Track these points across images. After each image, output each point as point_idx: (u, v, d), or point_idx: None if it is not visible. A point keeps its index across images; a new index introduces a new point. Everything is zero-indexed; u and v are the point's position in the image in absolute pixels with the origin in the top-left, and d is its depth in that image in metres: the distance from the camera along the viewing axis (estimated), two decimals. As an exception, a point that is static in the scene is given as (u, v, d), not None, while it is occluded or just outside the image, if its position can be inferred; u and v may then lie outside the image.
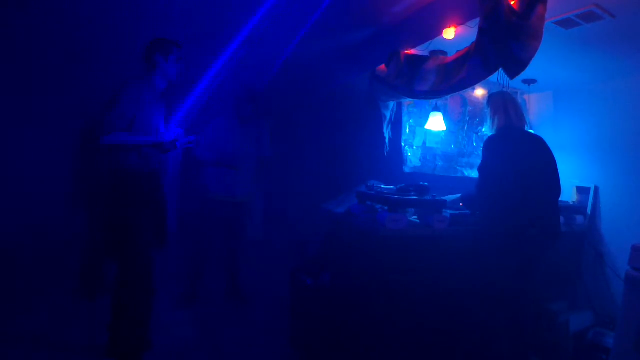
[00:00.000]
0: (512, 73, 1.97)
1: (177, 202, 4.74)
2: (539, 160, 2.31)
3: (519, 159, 2.26)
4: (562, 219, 2.65)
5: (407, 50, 2.82)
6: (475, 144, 3.70)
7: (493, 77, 2.25)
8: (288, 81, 4.37)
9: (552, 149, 2.38)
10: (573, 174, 3.33)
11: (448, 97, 3.31)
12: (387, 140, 3.27)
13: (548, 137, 2.45)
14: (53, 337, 2.56)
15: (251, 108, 3.36)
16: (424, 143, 3.47)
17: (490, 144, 2.36)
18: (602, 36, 2.35)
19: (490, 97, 2.49)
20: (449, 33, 2.44)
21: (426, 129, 3.36)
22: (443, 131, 3.42)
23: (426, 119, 3.31)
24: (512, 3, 2.01)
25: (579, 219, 3.12)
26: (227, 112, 3.42)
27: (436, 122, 3.21)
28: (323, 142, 4.04)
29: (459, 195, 2.79)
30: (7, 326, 2.65)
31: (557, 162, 2.35)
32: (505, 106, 2.38)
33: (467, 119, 3.66)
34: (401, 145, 3.37)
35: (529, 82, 3.37)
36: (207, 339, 2.75)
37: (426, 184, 2.57)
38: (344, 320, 2.39)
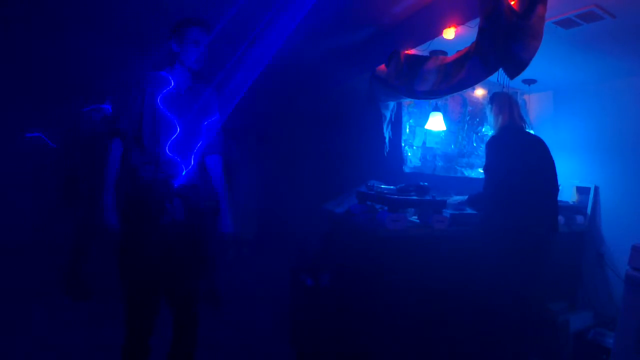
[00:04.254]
0: (512, 73, 1.97)
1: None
2: (540, 160, 2.33)
3: (521, 159, 2.28)
4: (562, 219, 2.65)
5: (407, 50, 2.82)
6: (475, 144, 3.70)
7: (493, 77, 2.25)
8: (288, 81, 4.36)
9: (552, 149, 2.40)
10: (573, 174, 3.33)
11: (448, 97, 3.31)
12: (387, 140, 3.27)
13: (548, 137, 2.46)
14: (50, 338, 2.56)
15: None
16: (424, 143, 3.47)
17: (493, 144, 2.37)
18: (602, 36, 2.35)
19: (495, 96, 2.51)
20: (449, 33, 2.44)
21: (426, 129, 3.36)
22: (443, 131, 3.42)
23: (426, 119, 3.31)
24: (512, 3, 2.01)
25: (579, 219, 3.12)
26: None
27: (436, 122, 3.21)
28: (323, 142, 4.04)
29: (465, 197, 2.79)
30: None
31: (556, 162, 2.37)
32: (510, 106, 2.41)
33: (467, 119, 3.66)
34: (401, 145, 3.37)
35: (529, 82, 3.37)
36: (206, 339, 2.75)
37: (426, 184, 2.57)
38: (344, 321, 2.39)
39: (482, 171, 2.47)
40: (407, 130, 3.41)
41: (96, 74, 3.67)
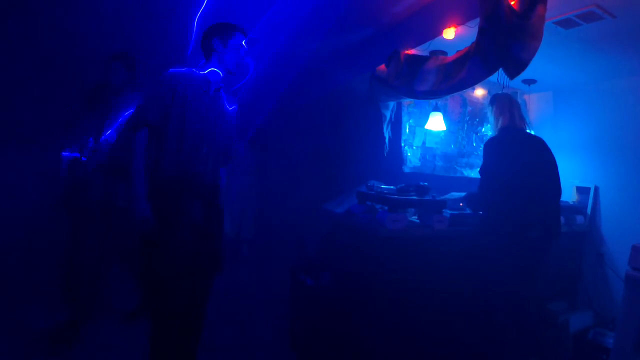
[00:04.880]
0: (512, 73, 1.97)
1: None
2: (540, 162, 2.32)
3: (520, 160, 2.28)
4: (562, 219, 2.65)
5: (407, 50, 2.82)
6: (474, 144, 3.70)
7: (493, 77, 2.25)
8: (287, 81, 4.36)
9: (552, 149, 2.39)
10: (573, 174, 3.33)
11: (448, 97, 3.31)
12: (387, 140, 3.27)
13: (548, 137, 2.46)
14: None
15: (124, 73, 2.65)
16: (424, 143, 3.47)
17: (491, 145, 2.38)
18: (602, 36, 2.36)
19: (495, 97, 2.51)
20: (449, 33, 2.44)
21: (426, 129, 3.36)
22: (443, 131, 3.42)
23: (426, 119, 3.31)
24: (512, 3, 2.01)
25: (579, 219, 3.12)
26: None
27: (436, 122, 3.21)
28: (323, 142, 4.04)
29: (463, 194, 2.79)
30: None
31: (557, 162, 2.36)
32: (510, 107, 2.41)
33: (467, 119, 3.66)
34: (401, 145, 3.37)
35: (529, 82, 3.37)
36: (206, 339, 2.75)
37: (426, 184, 2.57)
38: (344, 321, 2.39)
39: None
40: (407, 130, 3.41)
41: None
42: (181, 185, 1.82)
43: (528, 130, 2.52)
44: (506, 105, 2.43)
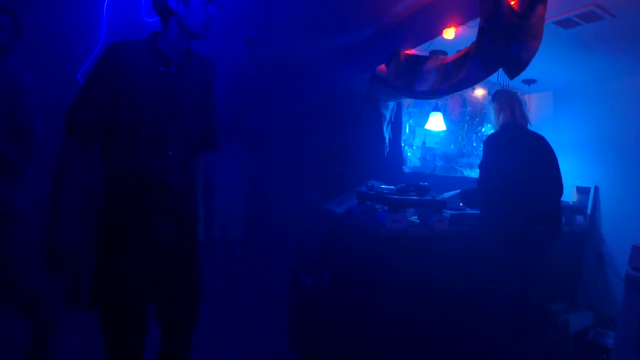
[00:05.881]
0: (512, 73, 1.97)
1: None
2: (541, 158, 2.33)
3: (521, 157, 2.28)
4: (562, 218, 2.64)
5: (407, 50, 2.82)
6: (474, 144, 3.70)
7: (493, 77, 2.25)
8: (287, 81, 4.36)
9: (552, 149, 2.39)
10: (573, 174, 3.33)
11: (448, 97, 3.31)
12: (386, 140, 3.27)
13: (548, 137, 2.46)
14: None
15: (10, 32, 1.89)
16: (424, 143, 3.47)
17: (492, 141, 2.38)
18: (602, 36, 2.35)
19: (497, 94, 2.52)
20: (449, 33, 2.44)
21: (426, 129, 3.36)
22: (443, 131, 3.42)
23: (426, 119, 3.31)
24: (512, 3, 2.01)
25: (579, 219, 3.12)
26: None
27: (436, 122, 3.21)
28: (323, 142, 4.04)
29: (457, 191, 2.80)
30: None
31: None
32: (511, 104, 2.41)
33: (467, 119, 3.66)
34: (401, 145, 3.37)
35: (529, 82, 3.37)
36: (205, 339, 2.74)
37: (426, 184, 2.57)
38: (344, 321, 2.39)
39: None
40: (407, 130, 3.41)
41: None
42: (139, 199, 1.44)
43: (529, 127, 2.52)
44: (507, 102, 2.43)
